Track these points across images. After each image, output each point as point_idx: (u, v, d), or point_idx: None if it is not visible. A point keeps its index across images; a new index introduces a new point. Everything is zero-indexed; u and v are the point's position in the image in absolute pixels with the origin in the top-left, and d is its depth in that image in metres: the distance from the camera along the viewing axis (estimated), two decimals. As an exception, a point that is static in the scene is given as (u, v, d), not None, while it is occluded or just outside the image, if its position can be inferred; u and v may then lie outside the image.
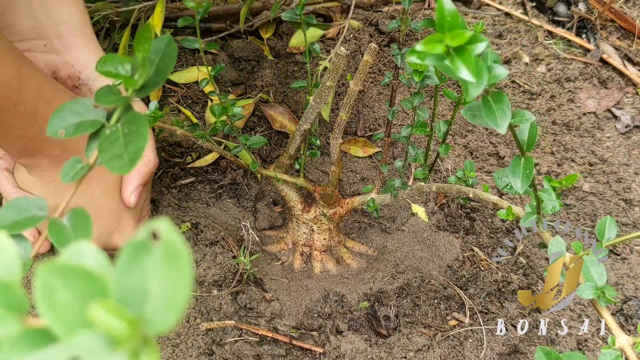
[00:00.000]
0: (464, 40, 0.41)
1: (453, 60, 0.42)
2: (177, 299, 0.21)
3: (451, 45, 0.42)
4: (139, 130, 0.47)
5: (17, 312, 0.26)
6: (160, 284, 0.22)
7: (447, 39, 0.42)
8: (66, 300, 0.22)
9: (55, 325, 0.22)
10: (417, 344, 1.02)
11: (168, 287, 0.22)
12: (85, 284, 0.22)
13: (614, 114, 1.35)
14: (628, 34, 1.47)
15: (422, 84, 0.79)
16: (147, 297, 0.22)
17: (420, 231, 1.16)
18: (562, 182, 0.71)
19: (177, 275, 0.22)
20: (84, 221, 0.49)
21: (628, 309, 1.10)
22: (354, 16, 1.40)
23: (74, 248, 0.25)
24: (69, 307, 0.22)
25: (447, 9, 0.42)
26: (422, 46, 0.41)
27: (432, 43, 0.41)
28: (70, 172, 0.51)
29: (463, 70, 0.41)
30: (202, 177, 1.19)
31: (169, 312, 0.22)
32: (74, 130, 0.50)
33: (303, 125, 0.94)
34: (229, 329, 1.01)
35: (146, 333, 0.21)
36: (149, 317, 0.22)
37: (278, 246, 1.15)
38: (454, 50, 0.42)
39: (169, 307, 0.21)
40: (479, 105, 0.56)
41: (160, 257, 0.22)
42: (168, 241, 0.22)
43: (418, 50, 0.42)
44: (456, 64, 0.42)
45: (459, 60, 0.42)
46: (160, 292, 0.22)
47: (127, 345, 0.20)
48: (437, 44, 0.41)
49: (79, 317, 0.21)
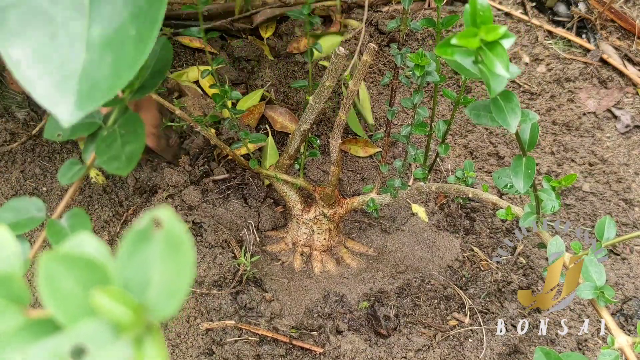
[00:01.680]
0: (498, 35, 0.41)
1: (486, 55, 0.42)
2: (179, 286, 0.21)
3: (486, 40, 0.42)
4: (136, 131, 0.47)
5: (18, 303, 0.26)
6: (162, 271, 0.22)
7: (482, 33, 0.42)
8: (69, 288, 0.22)
9: (59, 313, 0.22)
10: (417, 344, 1.02)
11: (170, 275, 0.22)
12: (88, 272, 0.22)
13: (614, 114, 1.35)
14: (628, 34, 1.47)
15: (423, 81, 0.79)
16: (149, 285, 0.22)
17: (420, 231, 1.16)
18: (562, 181, 0.71)
19: (179, 262, 0.22)
20: (82, 221, 0.49)
21: (628, 309, 1.10)
22: (353, 16, 1.40)
23: (75, 239, 0.25)
24: (72, 295, 0.22)
25: (480, 4, 0.42)
26: (457, 40, 0.42)
27: (466, 37, 0.42)
28: (68, 174, 0.51)
29: (497, 64, 0.41)
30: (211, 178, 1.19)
31: (171, 299, 0.22)
32: (71, 133, 0.50)
33: (303, 125, 0.94)
34: (229, 329, 1.01)
35: (149, 320, 0.21)
36: (151, 304, 0.22)
37: (278, 246, 1.15)
38: (486, 45, 0.42)
39: (170, 294, 0.22)
40: (483, 105, 0.56)
41: (162, 245, 0.22)
42: (170, 229, 0.22)
43: (452, 44, 0.42)
44: (489, 59, 0.42)
45: (492, 55, 0.42)
46: (162, 279, 0.22)
47: (131, 331, 0.20)
48: (471, 38, 0.42)
49: (82, 305, 0.21)
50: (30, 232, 1.12)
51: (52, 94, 0.34)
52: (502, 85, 0.44)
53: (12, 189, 1.17)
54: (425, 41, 1.39)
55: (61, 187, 1.18)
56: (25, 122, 1.24)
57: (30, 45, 0.34)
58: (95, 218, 1.14)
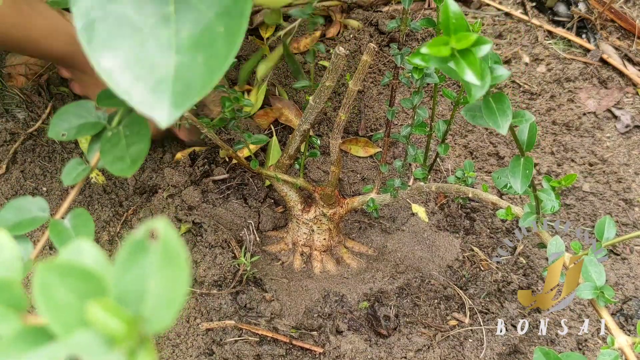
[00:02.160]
0: (470, 43, 0.41)
1: (458, 63, 0.42)
2: (174, 298, 0.22)
3: (456, 48, 0.41)
4: (141, 132, 0.47)
5: (16, 309, 0.26)
6: (158, 283, 0.22)
7: (453, 42, 0.41)
8: (65, 298, 0.22)
9: (54, 323, 0.22)
10: (417, 344, 1.02)
11: (166, 287, 0.22)
12: (83, 283, 0.22)
13: (614, 114, 1.35)
14: (628, 34, 1.47)
15: (422, 83, 0.79)
16: (145, 296, 0.22)
17: (420, 231, 1.16)
18: (561, 181, 0.71)
19: (175, 274, 0.22)
20: (85, 222, 0.49)
21: (628, 309, 1.10)
22: (354, 16, 1.40)
23: (73, 246, 0.25)
24: (67, 305, 0.22)
25: (453, 11, 0.42)
26: (427, 49, 0.41)
27: (437, 46, 0.41)
28: (72, 174, 0.51)
29: (468, 72, 0.41)
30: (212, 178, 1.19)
31: (166, 311, 0.22)
32: (75, 133, 0.50)
33: (303, 125, 0.94)
34: (229, 329, 1.01)
35: (144, 332, 0.21)
36: (147, 316, 0.22)
37: (278, 246, 1.15)
38: (458, 53, 0.42)
39: (166, 306, 0.22)
40: (479, 106, 0.56)
41: (158, 257, 0.22)
42: (166, 241, 0.22)
43: (423, 53, 0.42)
44: (461, 67, 0.41)
45: (464, 63, 0.41)
46: (158, 291, 0.22)
47: (124, 344, 0.20)
48: (442, 46, 0.41)
49: (77, 316, 0.22)
50: (31, 232, 1.12)
51: (147, 99, 0.34)
52: (482, 92, 0.44)
53: (12, 189, 1.17)
54: (425, 41, 1.39)
55: (61, 187, 1.18)
56: (25, 122, 1.24)
57: (120, 55, 0.35)
58: (95, 218, 1.14)
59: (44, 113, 1.25)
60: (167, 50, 0.35)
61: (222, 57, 0.35)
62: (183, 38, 0.36)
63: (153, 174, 1.18)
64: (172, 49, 0.35)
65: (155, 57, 0.35)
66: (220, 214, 1.15)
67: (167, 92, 0.35)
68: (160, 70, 0.35)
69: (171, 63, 0.35)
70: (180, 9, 0.36)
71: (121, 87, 0.34)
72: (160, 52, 0.35)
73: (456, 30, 0.42)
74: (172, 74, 0.35)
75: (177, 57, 0.35)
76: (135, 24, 0.35)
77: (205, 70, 0.35)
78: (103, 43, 0.35)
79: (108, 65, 0.34)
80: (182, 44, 0.35)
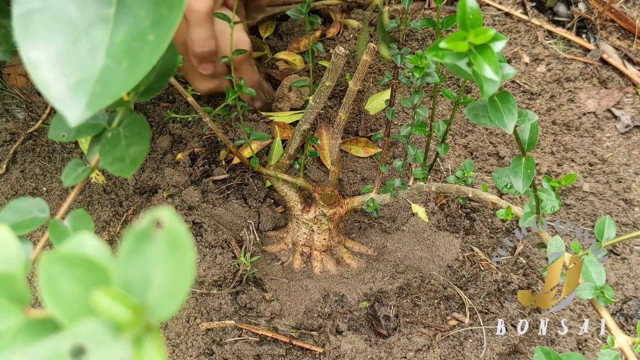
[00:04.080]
0: (488, 38, 0.41)
1: (475, 58, 0.42)
2: (179, 286, 0.22)
3: (474, 43, 0.42)
4: (141, 133, 0.47)
5: (19, 303, 0.26)
6: (163, 271, 0.22)
7: (471, 37, 0.42)
8: (69, 288, 0.22)
9: (59, 313, 0.22)
10: (417, 344, 1.02)
11: (170, 275, 0.22)
12: (88, 272, 0.22)
13: (614, 114, 1.35)
14: (628, 34, 1.47)
15: (423, 82, 0.79)
16: (150, 285, 0.22)
17: (420, 231, 1.16)
18: (561, 181, 0.71)
19: (180, 263, 0.22)
20: (85, 222, 0.49)
21: (628, 309, 1.10)
22: (353, 16, 1.40)
23: (76, 240, 0.25)
24: (72, 295, 0.22)
25: (470, 7, 0.42)
26: (445, 43, 0.41)
27: (455, 41, 0.42)
28: (72, 175, 0.51)
29: (486, 68, 0.41)
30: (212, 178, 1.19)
31: (171, 300, 0.22)
32: (75, 134, 0.50)
33: (303, 125, 0.94)
34: (229, 329, 1.01)
35: (149, 320, 0.21)
36: (152, 305, 0.22)
37: (278, 246, 1.15)
38: (475, 48, 0.42)
39: (171, 294, 0.22)
40: (481, 105, 0.56)
41: (162, 245, 0.22)
42: (171, 229, 0.22)
43: (441, 48, 0.42)
44: (479, 62, 0.42)
45: (481, 58, 0.42)
46: (162, 279, 0.22)
47: (130, 331, 0.20)
48: (460, 41, 0.41)
49: (82, 305, 0.22)
50: (31, 233, 1.12)
51: (65, 96, 0.35)
52: (495, 88, 0.44)
53: (12, 189, 1.17)
54: (425, 41, 1.39)
55: (61, 187, 1.18)
56: (25, 122, 1.24)
57: (51, 49, 0.35)
58: (95, 218, 1.14)
59: (44, 113, 1.25)
60: (98, 52, 0.36)
61: (145, 65, 0.36)
62: (116, 42, 0.36)
63: (153, 174, 1.18)
64: (103, 50, 0.36)
65: (85, 56, 0.35)
66: (220, 214, 1.15)
67: (85, 92, 0.35)
68: (86, 70, 0.35)
69: (98, 65, 0.35)
70: (120, 12, 0.36)
71: (43, 79, 0.34)
72: (91, 52, 0.35)
73: (473, 26, 0.42)
74: (96, 75, 0.35)
75: (106, 59, 0.35)
76: (73, 21, 0.35)
77: (126, 75, 0.35)
78: (36, 34, 0.35)
79: (36, 57, 0.34)
80: (114, 48, 0.36)
